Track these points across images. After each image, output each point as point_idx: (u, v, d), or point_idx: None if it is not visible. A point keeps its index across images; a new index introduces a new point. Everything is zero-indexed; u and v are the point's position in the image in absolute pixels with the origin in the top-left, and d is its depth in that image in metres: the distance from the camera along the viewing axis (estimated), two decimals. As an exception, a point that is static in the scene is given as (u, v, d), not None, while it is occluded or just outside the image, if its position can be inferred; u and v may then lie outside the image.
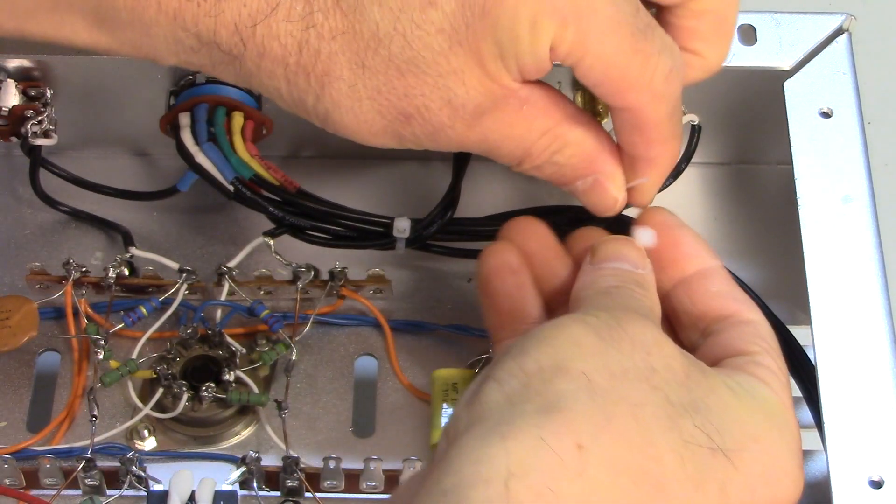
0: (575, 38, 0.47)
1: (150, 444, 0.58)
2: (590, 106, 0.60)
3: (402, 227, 0.59)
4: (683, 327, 0.51)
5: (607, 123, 0.53)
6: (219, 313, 0.60)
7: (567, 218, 0.60)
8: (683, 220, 0.52)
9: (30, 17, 0.50)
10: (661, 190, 0.59)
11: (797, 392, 0.56)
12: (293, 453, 0.56)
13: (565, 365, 0.42)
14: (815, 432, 0.53)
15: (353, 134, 0.50)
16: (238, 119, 0.61)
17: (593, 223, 0.56)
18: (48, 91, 0.62)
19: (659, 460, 0.41)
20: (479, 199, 0.62)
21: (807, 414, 0.56)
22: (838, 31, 0.61)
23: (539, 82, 0.49)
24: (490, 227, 0.61)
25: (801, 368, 0.56)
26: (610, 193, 0.52)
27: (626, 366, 0.43)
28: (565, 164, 0.51)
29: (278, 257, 0.61)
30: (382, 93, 0.48)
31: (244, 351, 0.59)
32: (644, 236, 0.51)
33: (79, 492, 0.57)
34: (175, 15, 0.48)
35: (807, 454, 0.58)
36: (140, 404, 0.58)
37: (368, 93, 0.48)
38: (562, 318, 0.45)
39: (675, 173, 0.60)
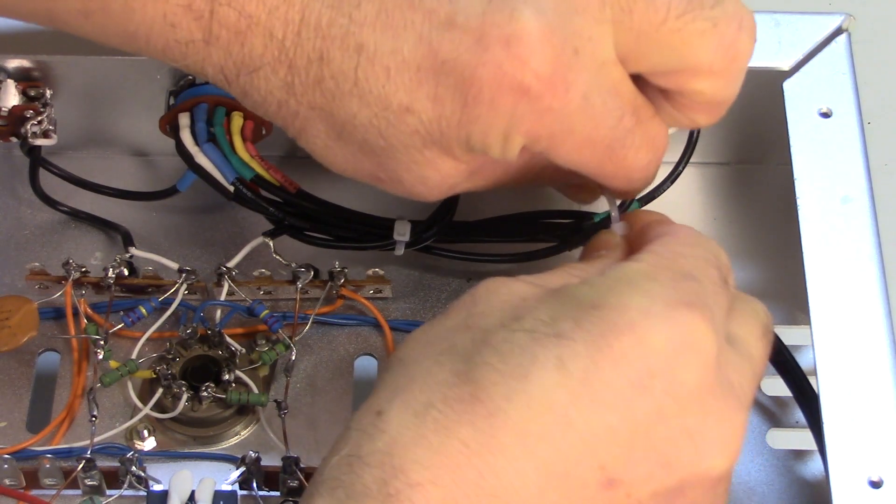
0: (548, 147, 0.48)
1: (149, 444, 0.58)
2: None
3: (402, 230, 0.60)
4: None
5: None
6: (218, 313, 0.60)
7: (567, 222, 0.60)
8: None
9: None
10: (658, 194, 0.60)
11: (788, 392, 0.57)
12: (293, 453, 0.56)
13: (388, 362, 0.46)
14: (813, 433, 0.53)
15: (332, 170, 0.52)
16: (238, 119, 0.61)
17: (593, 226, 0.57)
18: (48, 91, 0.62)
19: (469, 378, 0.43)
20: (479, 202, 0.62)
21: (799, 414, 0.57)
22: (837, 31, 0.61)
23: None
24: (490, 231, 0.61)
25: (789, 369, 0.57)
26: (583, 196, 0.55)
27: (441, 330, 0.45)
28: (543, 181, 0.54)
29: (278, 257, 0.61)
30: (357, 159, 0.50)
31: (244, 351, 0.59)
32: (618, 227, 0.53)
33: (79, 492, 0.57)
34: (164, 50, 0.49)
35: (805, 454, 0.58)
36: (140, 404, 0.58)
37: (343, 155, 0.50)
38: None
39: (674, 175, 0.60)
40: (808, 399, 0.56)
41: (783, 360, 0.56)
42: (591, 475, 0.42)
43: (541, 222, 0.61)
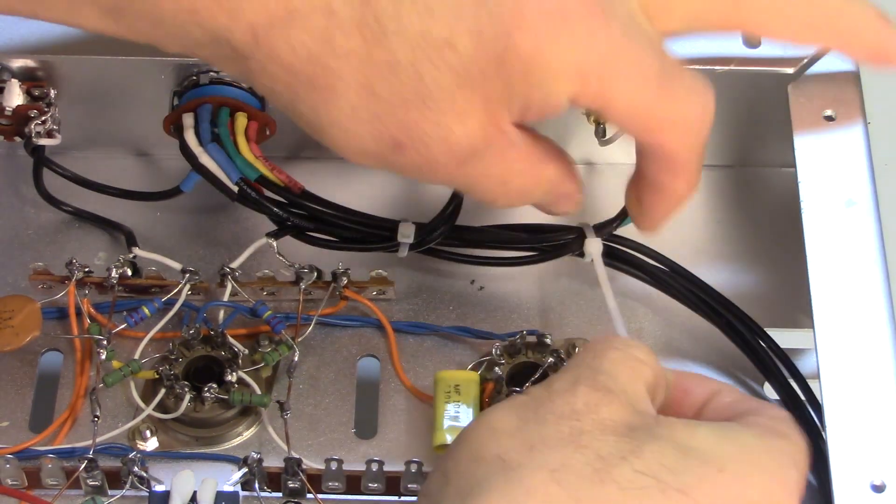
0: (598, 90, 0.47)
1: (152, 444, 0.58)
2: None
3: (406, 232, 0.60)
4: None
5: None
6: (221, 314, 0.61)
7: (571, 238, 0.60)
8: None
9: (42, 2, 0.50)
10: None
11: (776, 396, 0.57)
12: (295, 454, 0.56)
13: (480, 453, 0.44)
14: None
15: (340, 150, 0.50)
16: (242, 120, 0.61)
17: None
18: (52, 91, 0.62)
19: None
20: (481, 206, 0.62)
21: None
22: (842, 35, 0.61)
23: (525, 125, 0.49)
24: (494, 237, 0.61)
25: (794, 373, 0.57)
26: (569, 211, 0.54)
27: (546, 435, 0.44)
28: (536, 201, 0.53)
29: (281, 258, 0.61)
30: (382, 120, 0.48)
31: (246, 352, 0.59)
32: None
33: (81, 492, 0.57)
34: (192, 9, 0.47)
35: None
36: (142, 405, 0.58)
37: (368, 117, 0.48)
38: (489, 407, 0.47)
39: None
40: (809, 402, 0.56)
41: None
42: None
43: (545, 235, 0.61)
